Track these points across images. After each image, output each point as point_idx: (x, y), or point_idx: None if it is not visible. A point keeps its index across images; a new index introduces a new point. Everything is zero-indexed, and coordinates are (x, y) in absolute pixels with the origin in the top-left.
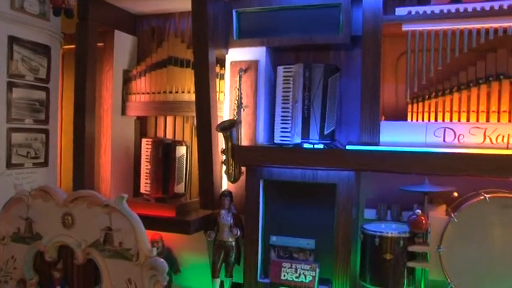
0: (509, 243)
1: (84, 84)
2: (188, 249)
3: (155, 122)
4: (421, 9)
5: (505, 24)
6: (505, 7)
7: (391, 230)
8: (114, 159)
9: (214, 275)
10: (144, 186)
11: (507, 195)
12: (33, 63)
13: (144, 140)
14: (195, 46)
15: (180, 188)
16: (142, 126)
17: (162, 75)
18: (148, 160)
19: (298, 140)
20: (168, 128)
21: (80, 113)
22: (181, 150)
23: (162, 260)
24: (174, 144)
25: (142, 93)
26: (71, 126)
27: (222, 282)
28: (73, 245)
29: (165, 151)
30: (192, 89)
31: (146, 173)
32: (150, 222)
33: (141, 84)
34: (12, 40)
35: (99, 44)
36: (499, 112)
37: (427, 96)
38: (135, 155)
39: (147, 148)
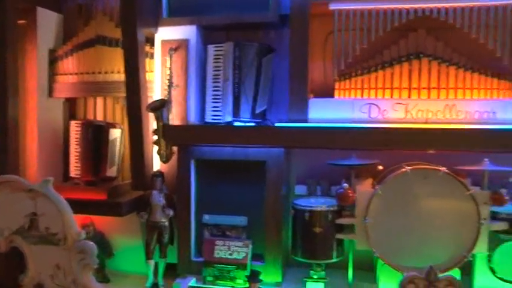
0: (430, 213)
1: (4, 64)
2: (121, 232)
3: (84, 103)
4: None
5: (424, 5)
6: None
7: (320, 204)
8: (41, 143)
9: (148, 256)
10: (74, 170)
11: (426, 166)
12: None
13: (72, 122)
14: (124, 25)
15: (112, 171)
16: (71, 108)
17: (90, 54)
18: (77, 143)
19: (229, 118)
20: (98, 109)
21: (1, 95)
22: (115, 133)
23: (91, 242)
24: (108, 126)
25: (70, 74)
26: None
27: (156, 264)
28: None
29: (96, 133)
30: (122, 69)
31: (76, 156)
32: (81, 206)
33: (68, 64)
34: None
35: (21, 22)
36: (419, 89)
37: (353, 74)
38: (64, 138)
39: (76, 130)
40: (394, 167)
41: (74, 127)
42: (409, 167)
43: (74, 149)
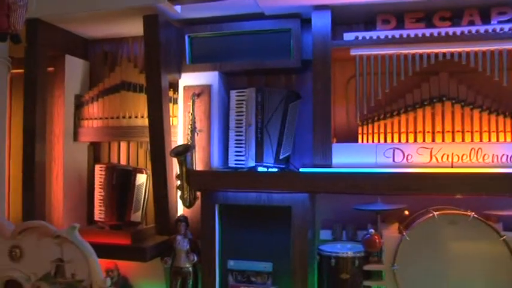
0: (459, 258)
1: (34, 109)
2: (145, 277)
3: (109, 147)
4: (367, 34)
5: (444, 50)
6: (443, 34)
7: (346, 250)
8: (66, 186)
9: None
10: (98, 214)
11: (454, 211)
12: None
13: (97, 166)
14: (148, 71)
15: (136, 216)
16: (95, 152)
17: (115, 100)
18: (101, 186)
19: (252, 163)
20: (122, 153)
21: (30, 140)
22: (141, 178)
23: None
24: (135, 171)
25: (95, 119)
26: (20, 153)
27: None
28: (21, 279)
29: (122, 178)
30: (146, 113)
31: (100, 199)
32: (105, 251)
33: (93, 109)
34: None
35: (50, 69)
36: (443, 132)
37: (376, 118)
38: (89, 181)
39: (100, 174)
40: (420, 211)
41: (98, 171)
42: (436, 212)
43: (98, 193)
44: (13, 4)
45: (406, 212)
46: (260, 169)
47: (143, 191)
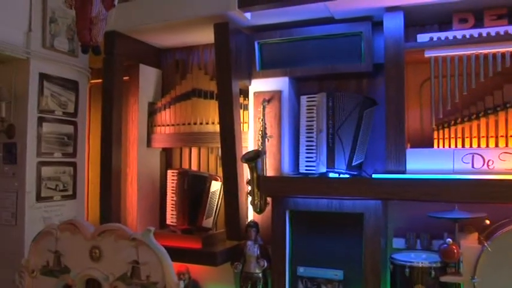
0: None
1: (111, 117)
2: (215, 281)
3: (180, 153)
4: (442, 35)
5: None
6: None
7: (421, 259)
8: (140, 190)
9: None
10: (170, 218)
11: None
12: (62, 99)
13: (169, 172)
14: (219, 78)
15: (208, 222)
16: (167, 157)
17: (187, 107)
18: (174, 191)
19: (323, 169)
20: (193, 159)
21: (107, 146)
22: (216, 186)
23: None
24: (210, 178)
25: (167, 125)
26: (98, 158)
27: None
28: (100, 279)
29: (196, 183)
30: (216, 120)
31: (172, 204)
32: (177, 254)
33: (166, 116)
34: (43, 77)
35: (125, 78)
36: None
37: (453, 122)
38: (161, 186)
39: (172, 179)
40: (503, 221)
41: (171, 176)
42: None
43: (170, 198)
44: (95, 18)
45: (487, 221)
46: (331, 175)
47: (216, 198)
